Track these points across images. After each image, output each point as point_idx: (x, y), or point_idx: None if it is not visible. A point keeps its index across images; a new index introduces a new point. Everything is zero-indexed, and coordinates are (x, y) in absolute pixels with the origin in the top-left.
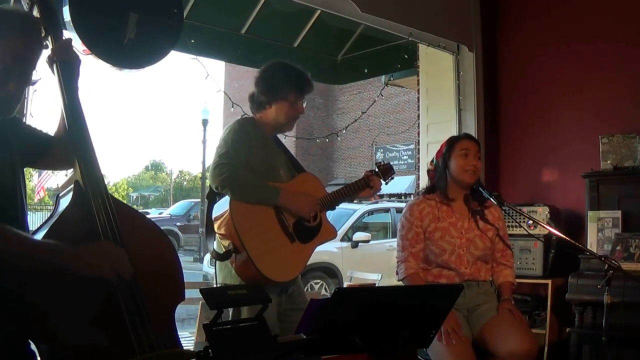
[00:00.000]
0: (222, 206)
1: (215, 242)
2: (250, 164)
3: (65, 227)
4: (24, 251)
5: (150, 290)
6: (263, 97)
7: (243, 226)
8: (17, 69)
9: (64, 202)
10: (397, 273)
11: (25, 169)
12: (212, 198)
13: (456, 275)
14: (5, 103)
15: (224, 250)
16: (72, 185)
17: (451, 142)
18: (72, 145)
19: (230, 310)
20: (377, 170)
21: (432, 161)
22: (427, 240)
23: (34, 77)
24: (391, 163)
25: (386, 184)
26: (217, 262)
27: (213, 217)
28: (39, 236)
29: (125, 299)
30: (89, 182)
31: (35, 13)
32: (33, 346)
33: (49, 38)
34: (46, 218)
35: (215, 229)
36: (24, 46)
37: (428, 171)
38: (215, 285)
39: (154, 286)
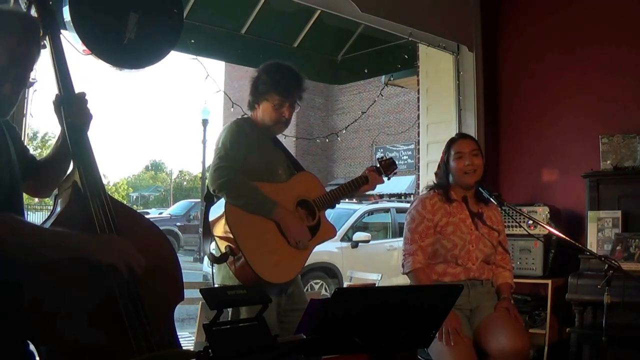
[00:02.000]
0: (220, 208)
1: (212, 245)
2: (248, 163)
3: (63, 227)
4: (40, 237)
5: (149, 290)
6: (250, 98)
7: (239, 229)
8: (14, 70)
9: (62, 203)
10: (402, 266)
11: None
12: (210, 199)
13: (462, 272)
14: (1, 105)
15: (220, 253)
16: (70, 186)
17: (448, 145)
18: (70, 146)
19: (230, 310)
20: (378, 165)
21: (439, 165)
22: (439, 234)
23: (31, 79)
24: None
25: (388, 179)
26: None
27: (210, 219)
28: None
29: (124, 299)
30: (87, 183)
31: (33, 13)
32: (32, 347)
33: (47, 38)
34: (45, 218)
35: (212, 232)
36: (21, 47)
37: (435, 174)
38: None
39: (153, 286)
